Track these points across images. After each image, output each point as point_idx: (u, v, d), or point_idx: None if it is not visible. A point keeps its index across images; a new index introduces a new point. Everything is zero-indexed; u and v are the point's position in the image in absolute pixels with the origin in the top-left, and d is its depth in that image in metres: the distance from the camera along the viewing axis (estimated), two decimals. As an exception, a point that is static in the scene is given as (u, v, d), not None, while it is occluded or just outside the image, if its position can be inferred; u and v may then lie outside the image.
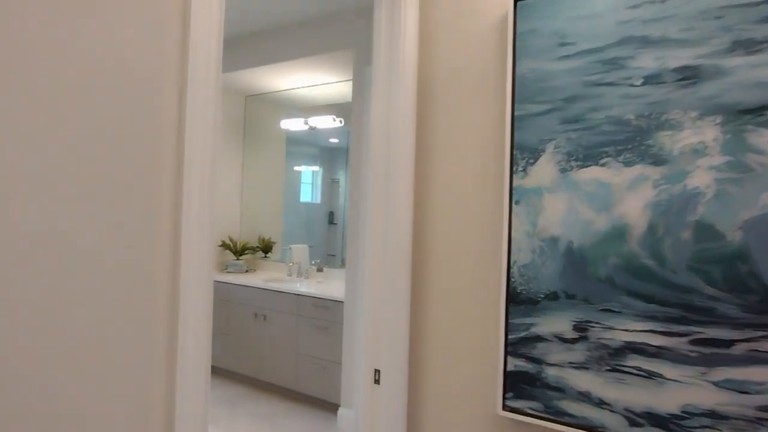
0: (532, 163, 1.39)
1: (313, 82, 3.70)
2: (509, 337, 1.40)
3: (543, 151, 1.37)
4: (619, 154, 1.27)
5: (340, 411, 2.84)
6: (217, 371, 3.75)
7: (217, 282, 3.63)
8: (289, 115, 4.03)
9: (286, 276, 3.75)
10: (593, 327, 1.28)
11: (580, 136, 1.32)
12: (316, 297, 3.06)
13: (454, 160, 1.57)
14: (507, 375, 1.40)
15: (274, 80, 3.73)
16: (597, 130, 1.30)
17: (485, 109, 1.51)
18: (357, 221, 2.78)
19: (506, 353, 1.41)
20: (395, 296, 1.53)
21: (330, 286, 3.36)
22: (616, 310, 1.26)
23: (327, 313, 3.01)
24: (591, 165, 1.30)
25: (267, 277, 3.71)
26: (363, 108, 2.73)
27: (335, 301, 2.97)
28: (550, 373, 1.34)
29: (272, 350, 3.27)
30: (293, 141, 4.15)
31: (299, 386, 3.13)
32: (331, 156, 4.04)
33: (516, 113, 1.42)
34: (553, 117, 1.36)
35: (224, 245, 3.95)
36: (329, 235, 3.98)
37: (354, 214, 2.83)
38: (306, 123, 3.81)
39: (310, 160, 4.18)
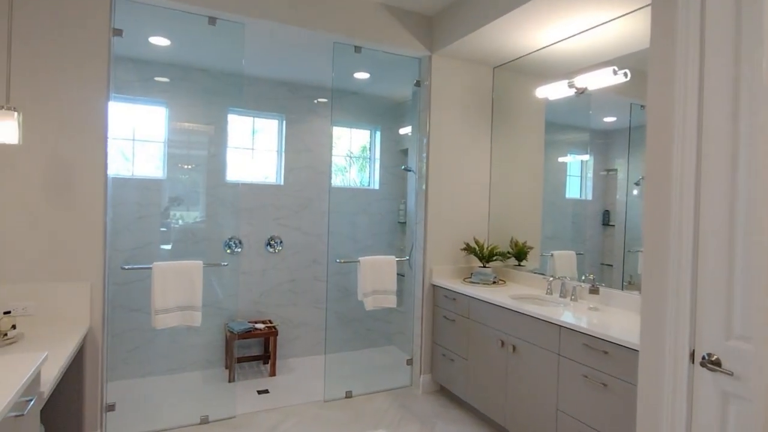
0: None
1: (581, 27, 2.65)
2: None
3: None
4: None
5: None
6: (454, 399, 3.12)
7: (456, 293, 3.00)
8: (548, 80, 3.05)
9: (545, 294, 2.81)
10: None
11: None
12: (590, 335, 2.04)
13: None
14: None
15: (529, 36, 2.84)
16: None
17: None
18: (661, 223, 1.64)
19: None
20: None
21: (609, 316, 2.26)
22: None
23: (606, 362, 1.96)
24: None
25: (519, 292, 2.86)
26: (672, 53, 1.58)
27: (622, 346, 1.89)
28: None
29: (521, 395, 2.41)
30: (555, 126, 3.15)
31: (562, 458, 2.17)
32: (606, 140, 2.86)
33: None
34: None
35: (468, 249, 3.30)
36: (603, 239, 2.83)
37: (654, 214, 1.70)
38: (572, 85, 2.77)
39: (577, 147, 3.10)
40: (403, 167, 4.10)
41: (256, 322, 3.73)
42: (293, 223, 4.04)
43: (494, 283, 3.09)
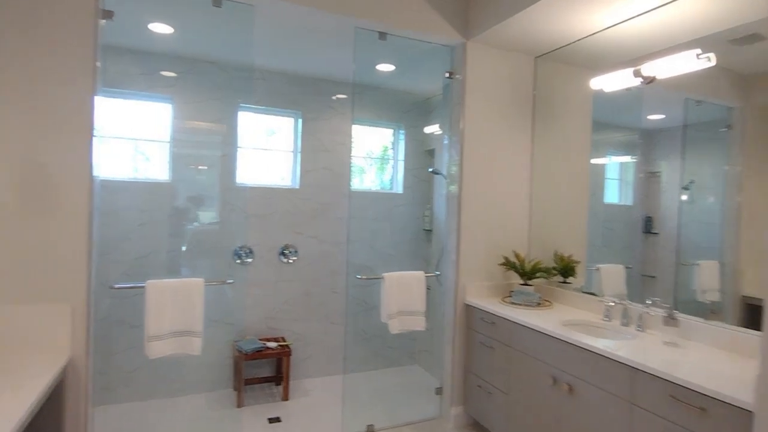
0: None
1: (647, 5, 2.22)
2: None
3: None
4: None
5: None
6: (496, 438, 2.72)
7: (495, 316, 2.59)
8: (599, 71, 2.63)
9: (603, 320, 2.38)
10: None
11: None
12: (679, 384, 1.61)
13: None
14: None
15: (580, 19, 2.42)
16: None
17: None
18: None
19: None
20: None
21: (696, 356, 1.83)
22: None
23: (702, 422, 1.53)
24: None
25: (570, 317, 2.44)
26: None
27: (727, 404, 1.46)
28: None
29: (583, 448, 2.00)
30: (593, 124, 2.75)
31: None
32: (649, 140, 2.47)
33: None
34: None
35: (507, 264, 2.89)
36: (645, 249, 2.47)
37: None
38: (638, 74, 2.33)
39: (617, 147, 2.70)
40: (430, 169, 3.71)
41: (267, 340, 3.38)
42: (309, 231, 3.68)
43: (539, 304, 2.67)
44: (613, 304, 2.35)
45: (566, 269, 2.87)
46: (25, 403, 1.47)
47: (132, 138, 3.22)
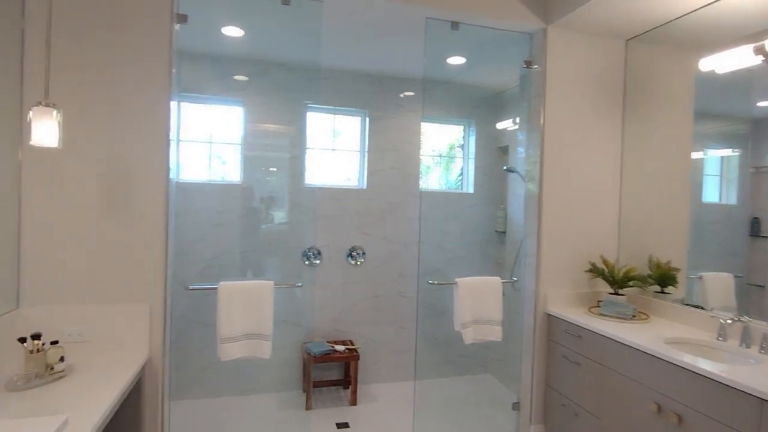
0: None
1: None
2: None
3: None
4: None
5: None
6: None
7: (582, 328, 2.33)
8: (712, 50, 2.28)
9: (716, 339, 2.06)
10: None
11: None
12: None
13: None
14: None
15: (688, -12, 2.11)
16: None
17: None
18: None
19: None
20: None
21: None
22: None
23: None
24: None
25: (673, 334, 2.13)
26: None
27: None
28: None
29: (696, 489, 1.71)
30: (695, 114, 2.39)
31: None
32: (760, 130, 2.10)
33: None
34: None
35: (594, 270, 2.61)
36: (751, 254, 2.15)
37: None
38: (760, 51, 1.98)
39: (717, 139, 2.34)
40: (505, 167, 3.48)
41: (335, 343, 3.34)
42: (377, 232, 3.59)
43: (633, 317, 2.38)
44: (730, 321, 2.01)
45: (664, 277, 2.53)
46: (106, 400, 1.49)
47: (207, 141, 3.31)
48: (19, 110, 1.83)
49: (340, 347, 3.22)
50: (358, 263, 3.55)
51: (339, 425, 2.93)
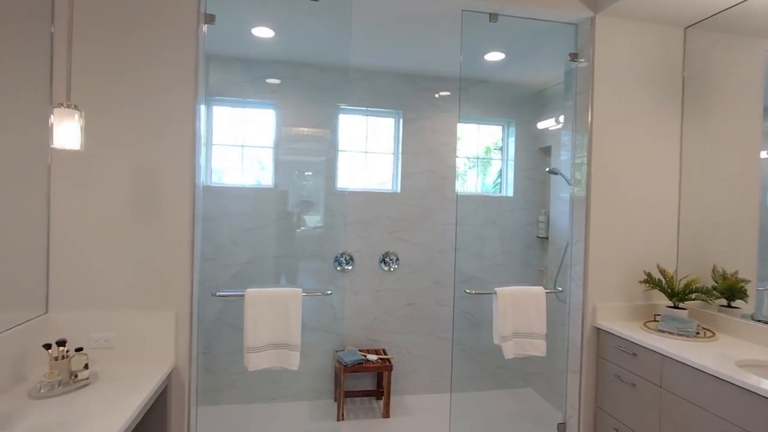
0: None
1: None
2: None
3: None
4: None
5: None
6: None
7: (637, 345, 2.11)
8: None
9: (799, 362, 1.79)
10: None
11: None
12: None
13: None
14: None
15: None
16: None
17: None
18: None
19: None
20: None
21: None
22: None
23: None
24: None
25: (748, 356, 1.88)
26: None
27: None
28: None
29: None
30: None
31: None
32: None
33: None
34: None
35: (650, 281, 2.37)
36: None
37: None
38: None
39: None
40: (547, 169, 3.27)
41: (367, 351, 3.22)
42: (411, 237, 3.46)
43: (698, 334, 2.13)
44: (816, 342, 1.75)
45: (732, 290, 2.27)
46: (126, 412, 1.43)
47: (240, 144, 3.28)
48: (49, 114, 1.82)
49: (372, 356, 3.10)
50: (392, 269, 3.42)
51: (371, 439, 2.80)
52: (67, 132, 1.43)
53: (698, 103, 2.47)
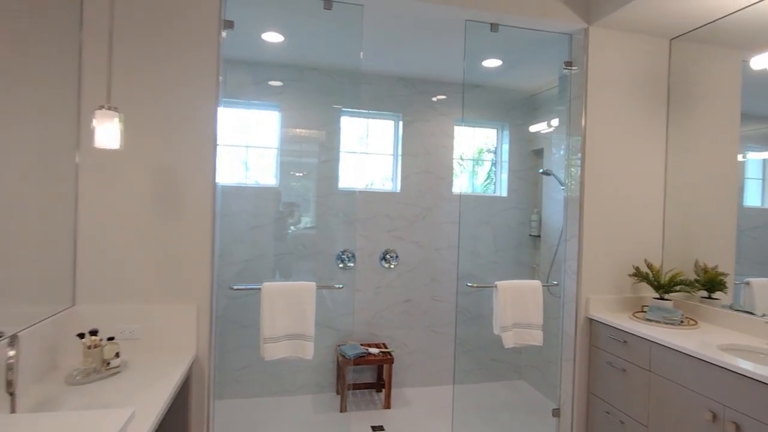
0: None
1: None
2: None
3: None
4: None
5: None
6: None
7: (627, 333, 2.28)
8: (762, 49, 2.21)
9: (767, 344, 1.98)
10: None
11: None
12: None
13: None
14: None
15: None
16: None
17: None
18: None
19: None
20: None
21: None
22: None
23: None
24: None
25: (726, 340, 2.06)
26: None
27: None
28: None
29: (757, 502, 1.64)
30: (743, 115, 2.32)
31: None
32: None
33: None
34: None
35: (638, 274, 2.55)
36: None
37: None
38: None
39: (759, 142, 2.26)
40: (541, 170, 3.44)
41: (369, 346, 3.34)
42: (409, 236, 3.59)
43: (682, 323, 2.31)
44: (789, 327, 1.94)
45: (713, 282, 2.45)
46: (163, 395, 1.52)
47: (244, 145, 3.37)
48: (77, 116, 1.90)
49: (373, 350, 3.22)
50: (392, 267, 3.55)
51: (375, 428, 2.92)
52: (108, 132, 1.52)
53: (682, 110, 2.66)
